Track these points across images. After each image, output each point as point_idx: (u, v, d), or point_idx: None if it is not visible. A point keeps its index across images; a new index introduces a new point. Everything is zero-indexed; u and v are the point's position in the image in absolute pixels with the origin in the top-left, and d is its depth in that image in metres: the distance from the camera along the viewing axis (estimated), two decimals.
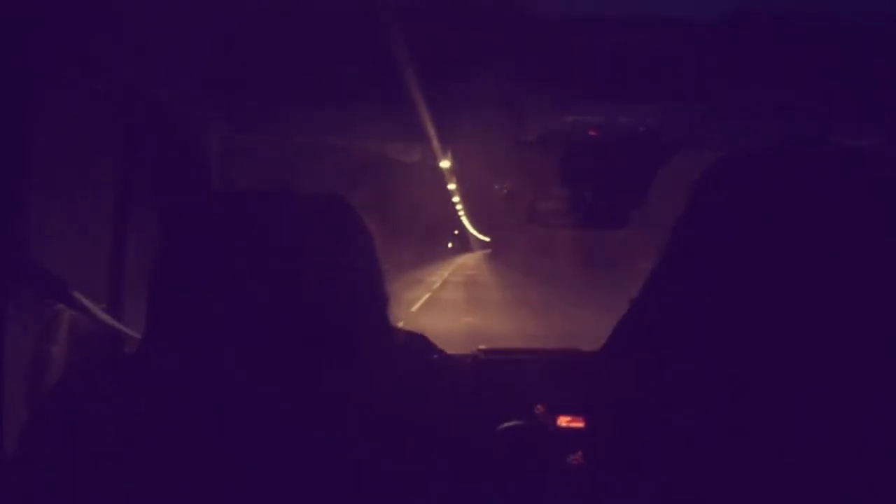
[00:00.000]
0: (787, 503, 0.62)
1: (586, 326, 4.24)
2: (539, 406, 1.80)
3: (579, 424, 1.77)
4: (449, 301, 14.85)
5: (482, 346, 2.05)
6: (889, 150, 1.66)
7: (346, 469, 0.72)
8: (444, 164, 2.74)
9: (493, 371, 1.94)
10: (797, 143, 0.71)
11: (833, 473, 0.61)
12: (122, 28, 1.25)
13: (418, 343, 0.90)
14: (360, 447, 0.73)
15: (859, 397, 0.62)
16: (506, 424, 1.62)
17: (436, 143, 2.11)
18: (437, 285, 19.69)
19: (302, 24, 1.47)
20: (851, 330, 0.62)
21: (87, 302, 1.37)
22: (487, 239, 55.14)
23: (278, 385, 0.74)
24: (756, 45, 1.41)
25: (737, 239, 0.67)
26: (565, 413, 1.80)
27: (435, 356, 0.89)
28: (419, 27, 1.40)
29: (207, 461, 0.71)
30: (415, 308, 12.69)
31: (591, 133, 1.85)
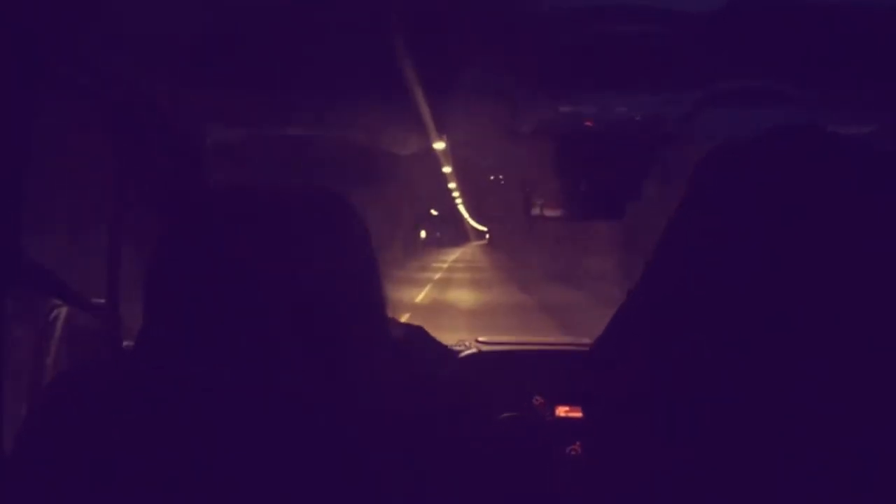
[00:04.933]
0: (783, 493, 0.62)
1: None
2: (537, 397, 1.81)
3: (577, 415, 1.78)
4: None
5: (480, 338, 2.06)
6: (882, 140, 1.67)
7: (346, 465, 0.72)
8: (439, 145, 2.72)
9: (491, 362, 1.94)
10: (792, 132, 0.71)
11: (832, 464, 0.61)
12: (113, 25, 1.24)
13: (416, 336, 0.90)
14: (359, 441, 0.73)
15: (859, 382, 0.62)
16: (504, 415, 1.63)
17: (432, 132, 2.11)
18: None
19: (294, 17, 1.46)
20: (850, 320, 0.62)
21: (84, 299, 1.37)
22: (485, 229, 53.40)
23: (275, 382, 0.74)
24: (751, 34, 1.41)
25: (733, 229, 0.67)
26: (564, 403, 1.81)
27: (433, 348, 0.89)
28: (413, 17, 1.40)
29: (204, 460, 0.71)
30: None
31: (587, 124, 1.85)
